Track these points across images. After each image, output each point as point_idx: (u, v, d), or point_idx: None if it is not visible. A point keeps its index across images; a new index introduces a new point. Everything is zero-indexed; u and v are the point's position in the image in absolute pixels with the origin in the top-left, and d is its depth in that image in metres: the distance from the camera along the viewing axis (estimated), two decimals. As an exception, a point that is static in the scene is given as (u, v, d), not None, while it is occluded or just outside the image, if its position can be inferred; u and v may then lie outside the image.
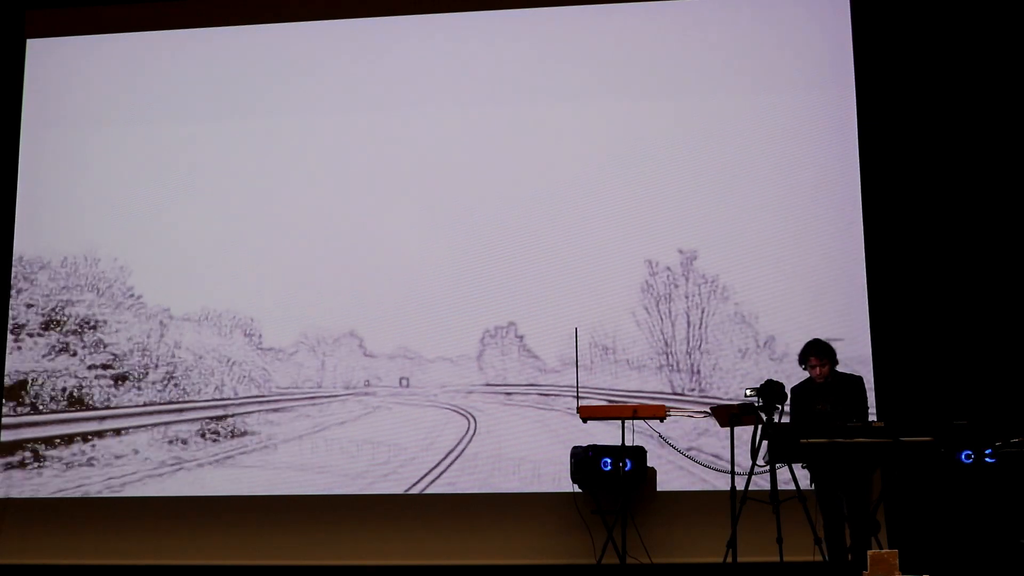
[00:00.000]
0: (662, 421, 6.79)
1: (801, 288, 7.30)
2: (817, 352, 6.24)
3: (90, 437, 7.72)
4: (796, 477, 6.04)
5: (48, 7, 8.27)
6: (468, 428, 7.43)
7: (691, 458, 7.13)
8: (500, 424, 7.43)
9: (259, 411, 7.64)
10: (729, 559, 6.04)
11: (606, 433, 6.92)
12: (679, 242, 7.44)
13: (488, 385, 7.46)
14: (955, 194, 7.25)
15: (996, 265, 7.15)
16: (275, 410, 7.63)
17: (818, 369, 6.22)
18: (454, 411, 7.47)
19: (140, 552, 7.50)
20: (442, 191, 7.70)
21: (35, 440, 7.77)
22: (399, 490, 7.43)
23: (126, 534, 7.54)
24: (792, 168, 7.42)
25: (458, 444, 7.41)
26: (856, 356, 7.06)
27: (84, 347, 7.86)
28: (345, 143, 7.86)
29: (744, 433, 6.39)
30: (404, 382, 7.51)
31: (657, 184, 7.50)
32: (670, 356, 7.36)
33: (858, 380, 6.34)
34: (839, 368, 6.34)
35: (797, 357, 6.36)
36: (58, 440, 7.74)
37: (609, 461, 6.85)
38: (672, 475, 7.17)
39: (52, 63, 8.21)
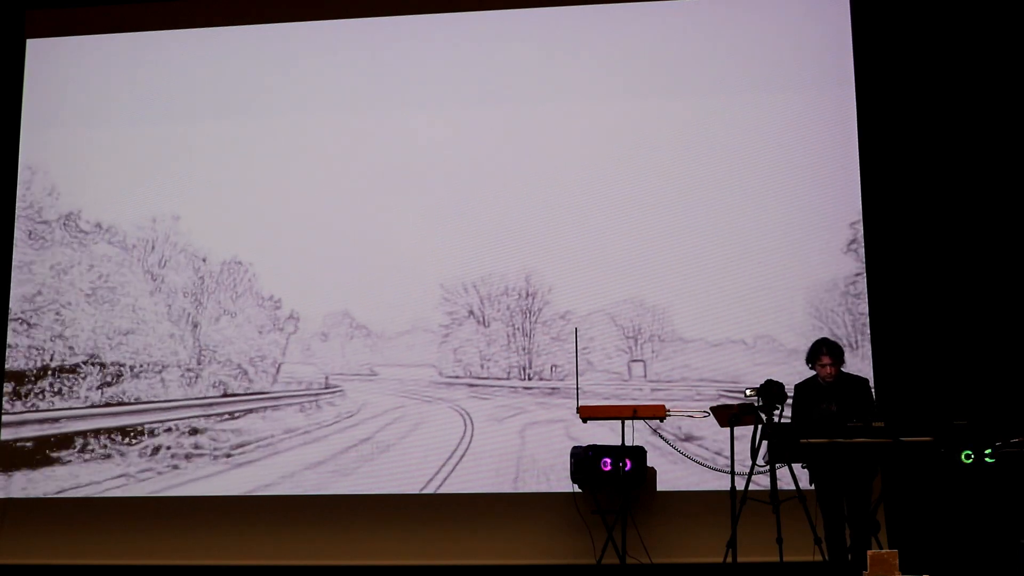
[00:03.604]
0: (662, 421, 6.79)
1: (800, 288, 7.29)
2: (830, 351, 6.22)
3: (93, 435, 7.72)
4: (796, 477, 6.04)
5: (48, 7, 8.27)
6: (465, 428, 7.43)
7: (690, 457, 7.13)
8: (499, 424, 7.44)
9: (260, 408, 7.66)
10: (729, 559, 6.04)
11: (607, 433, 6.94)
12: (676, 241, 7.44)
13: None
14: (955, 194, 7.24)
15: (996, 265, 7.15)
16: (274, 407, 7.65)
17: (829, 368, 6.20)
18: (452, 409, 7.47)
19: (140, 552, 7.49)
20: (459, 187, 7.70)
21: (36, 438, 7.77)
22: (399, 490, 7.43)
23: (127, 534, 7.54)
24: (792, 167, 7.41)
25: (458, 445, 7.41)
26: (856, 356, 7.06)
27: (84, 346, 7.86)
28: (346, 142, 7.85)
29: (745, 432, 6.38)
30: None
31: (655, 184, 7.51)
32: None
33: (864, 382, 6.34)
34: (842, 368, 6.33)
35: (805, 355, 6.33)
36: (59, 438, 7.75)
37: (609, 461, 6.86)
38: (672, 475, 7.17)
39: (52, 63, 8.21)
